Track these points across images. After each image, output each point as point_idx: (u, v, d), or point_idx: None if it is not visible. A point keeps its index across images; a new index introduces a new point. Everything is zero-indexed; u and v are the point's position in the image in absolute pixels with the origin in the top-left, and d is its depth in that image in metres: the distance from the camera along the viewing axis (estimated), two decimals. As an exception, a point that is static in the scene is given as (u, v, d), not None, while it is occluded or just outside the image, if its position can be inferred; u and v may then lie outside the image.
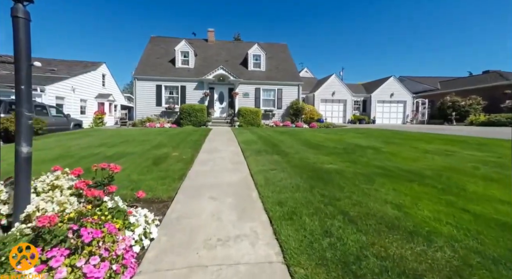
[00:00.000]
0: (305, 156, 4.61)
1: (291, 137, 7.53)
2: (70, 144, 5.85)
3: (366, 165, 3.84)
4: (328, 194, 2.55)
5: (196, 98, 15.98)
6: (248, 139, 7.12)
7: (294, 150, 5.34)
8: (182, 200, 2.54)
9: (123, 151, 4.99)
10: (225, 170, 3.74)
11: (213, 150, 5.41)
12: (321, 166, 3.79)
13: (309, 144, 6.23)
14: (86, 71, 17.84)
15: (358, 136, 7.94)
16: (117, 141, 6.40)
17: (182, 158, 4.47)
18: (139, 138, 7.09)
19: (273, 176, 3.28)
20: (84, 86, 17.42)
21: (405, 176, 3.21)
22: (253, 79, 16.72)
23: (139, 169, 3.61)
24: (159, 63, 16.75)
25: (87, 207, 1.63)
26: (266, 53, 17.72)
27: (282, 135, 8.15)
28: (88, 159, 4.27)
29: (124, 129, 11.14)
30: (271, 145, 6.05)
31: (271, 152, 5.07)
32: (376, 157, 4.47)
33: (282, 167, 3.78)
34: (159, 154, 4.81)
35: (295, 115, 16.44)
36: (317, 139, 7.19)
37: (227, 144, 6.39)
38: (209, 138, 7.45)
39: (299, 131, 10.39)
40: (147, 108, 15.51)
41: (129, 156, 4.53)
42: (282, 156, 4.69)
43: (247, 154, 4.92)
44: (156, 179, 3.14)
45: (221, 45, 20.06)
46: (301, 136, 8.02)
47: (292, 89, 17.10)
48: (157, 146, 5.73)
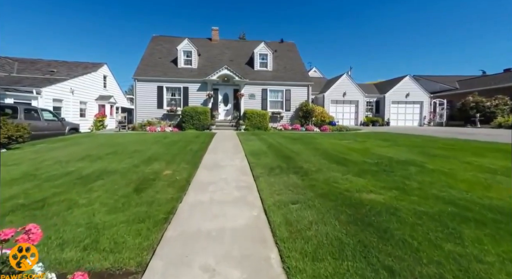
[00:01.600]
0: (332, 177, 3.59)
1: (307, 147, 6.50)
2: (47, 157, 4.98)
3: (423, 195, 2.79)
4: (399, 268, 1.54)
5: (199, 100, 15.11)
6: (256, 149, 6.14)
7: (314, 165, 4.32)
8: (160, 272, 1.57)
9: (105, 168, 4.07)
10: (229, 201, 2.76)
11: (215, 165, 4.44)
12: (359, 197, 2.77)
13: (329, 156, 5.20)
14: (86, 73, 17.21)
15: (383, 145, 6.85)
16: (104, 152, 5.51)
17: (175, 179, 3.51)
18: (131, 148, 6.19)
19: (297, 217, 2.29)
20: (84, 88, 16.79)
21: (498, 220, 2.16)
22: (260, 80, 15.76)
23: (113, 201, 2.67)
24: (160, 63, 15.96)
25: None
26: (273, 52, 16.74)
27: (295, 144, 7.13)
28: (55, 181, 3.36)
29: (121, 135, 10.31)
30: (284, 157, 5.04)
31: (286, 169, 4.07)
32: (426, 179, 3.42)
33: (306, 197, 2.78)
34: (148, 172, 3.87)
35: (304, 117, 15.38)
36: (337, 149, 6.14)
37: (231, 155, 5.42)
38: (211, 147, 6.49)
39: (313, 137, 9.34)
40: (148, 111, 14.72)
41: (110, 176, 3.60)
42: (302, 175, 3.69)
43: (256, 171, 3.94)
44: (131, 222, 2.19)
45: (226, 44, 19.16)
46: (317, 144, 6.98)
47: (301, 90, 16.06)
48: (148, 159, 4.80)
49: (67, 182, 3.30)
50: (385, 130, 13.95)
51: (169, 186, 3.25)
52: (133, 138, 8.40)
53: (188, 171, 3.98)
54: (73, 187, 3.10)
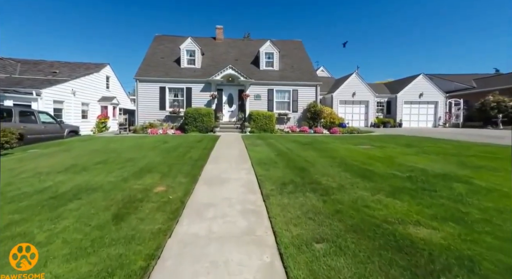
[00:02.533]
0: (359, 197, 2.89)
1: (320, 154, 5.80)
2: (29, 167, 4.43)
3: (499, 234, 2.07)
4: None
5: (202, 101, 14.55)
6: (264, 157, 5.47)
7: (334, 180, 3.63)
8: None
9: (88, 183, 3.47)
10: (232, 236, 2.11)
11: (216, 179, 3.80)
12: (406, 233, 2.07)
13: (349, 167, 4.49)
14: (88, 73, 16.87)
15: (408, 152, 6.08)
16: (94, 160, 4.94)
17: (168, 199, 2.88)
18: (125, 155, 5.61)
19: (328, 270, 1.61)
20: (86, 89, 16.45)
21: None
22: (266, 80, 15.09)
23: (81, 236, 2.04)
24: (163, 63, 15.47)
25: None
26: (279, 51, 16.04)
27: (307, 150, 6.43)
28: (21, 202, 2.77)
29: (120, 139, 9.79)
30: (297, 168, 4.36)
31: (301, 185, 3.39)
32: (487, 203, 2.68)
33: (333, 232, 2.10)
34: (137, 189, 3.25)
35: (313, 119, 14.64)
36: (356, 157, 5.42)
37: (236, 165, 4.77)
38: (214, 155, 5.85)
39: (324, 141, 8.61)
40: (150, 112, 14.23)
41: (90, 195, 3.00)
42: (321, 195, 3.00)
43: (266, 188, 3.27)
44: (93, 277, 1.55)
45: (230, 43, 18.57)
46: (332, 151, 6.26)
47: (309, 90, 15.32)
48: (141, 171, 4.19)
49: (34, 204, 2.70)
50: (400, 133, 13.09)
51: (159, 209, 2.61)
52: (131, 143, 7.85)
53: (184, 187, 3.35)
54: (39, 212, 2.50)
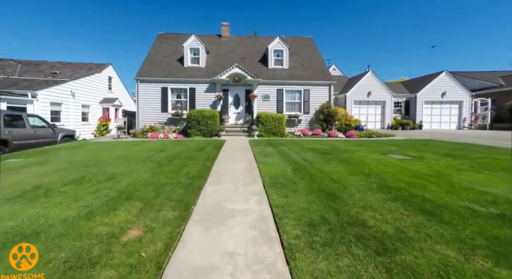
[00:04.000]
0: (447, 263, 1.76)
1: (348, 168, 4.66)
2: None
3: None
4: None
5: (207, 102, 13.58)
6: (278, 173, 4.38)
7: (384, 218, 2.51)
8: None
9: (31, 223, 2.46)
10: None
11: (216, 213, 2.73)
12: None
13: (396, 191, 3.35)
14: (89, 74, 16.19)
15: (459, 166, 4.85)
16: (65, 180, 3.96)
17: (137, 262, 1.83)
18: (108, 170, 4.62)
19: None
20: (87, 90, 15.76)
21: None
22: (275, 79, 13.99)
23: None
24: (165, 62, 14.59)
25: None
26: (289, 48, 14.91)
27: (329, 161, 5.30)
28: None
29: (113, 145, 8.89)
30: (326, 194, 3.24)
31: (339, 229, 2.29)
32: None
33: None
34: (98, 235, 2.21)
35: (326, 121, 13.43)
36: (395, 174, 4.25)
37: (244, 186, 3.69)
38: (216, 169, 4.79)
39: (346, 149, 7.44)
40: (151, 114, 13.37)
41: (18, 251, 1.97)
42: (378, 253, 1.89)
43: (288, 234, 2.19)
44: None
45: (237, 40, 17.56)
46: (361, 164, 5.10)
47: (321, 90, 14.12)
48: (118, 197, 3.18)
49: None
50: (425, 136, 11.74)
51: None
52: (122, 152, 6.90)
53: (169, 230, 2.30)
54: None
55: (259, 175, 4.29)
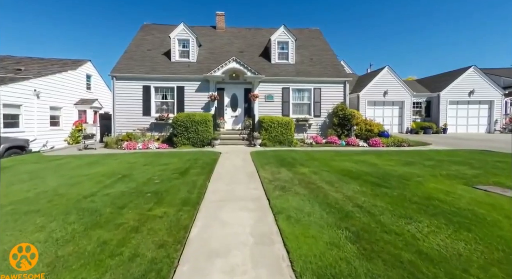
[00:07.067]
0: None
1: (426, 215, 2.37)
2: None
3: None
4: None
5: (198, 104, 11.28)
6: (327, 256, 2.06)
7: None
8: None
9: None
10: None
11: None
12: None
13: None
14: (61, 71, 13.80)
15: None
16: None
17: None
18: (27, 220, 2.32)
19: None
20: (58, 90, 13.36)
21: None
22: (279, 76, 11.72)
23: None
24: (149, 56, 12.26)
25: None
26: (295, 40, 12.64)
27: (383, 196, 3.00)
28: None
29: (63, 162, 6.51)
30: None
31: None
32: None
33: None
34: None
35: (341, 126, 11.17)
36: None
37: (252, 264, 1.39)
38: (195, 236, 2.43)
39: (404, 176, 5.10)
40: (131, 119, 11.02)
41: None
42: None
43: None
44: None
45: (234, 32, 15.28)
46: (435, 198, 2.81)
47: (334, 88, 11.88)
48: None
49: None
50: (468, 144, 9.52)
51: None
52: (55, 182, 4.54)
53: None
54: None
55: (287, 256, 1.97)
